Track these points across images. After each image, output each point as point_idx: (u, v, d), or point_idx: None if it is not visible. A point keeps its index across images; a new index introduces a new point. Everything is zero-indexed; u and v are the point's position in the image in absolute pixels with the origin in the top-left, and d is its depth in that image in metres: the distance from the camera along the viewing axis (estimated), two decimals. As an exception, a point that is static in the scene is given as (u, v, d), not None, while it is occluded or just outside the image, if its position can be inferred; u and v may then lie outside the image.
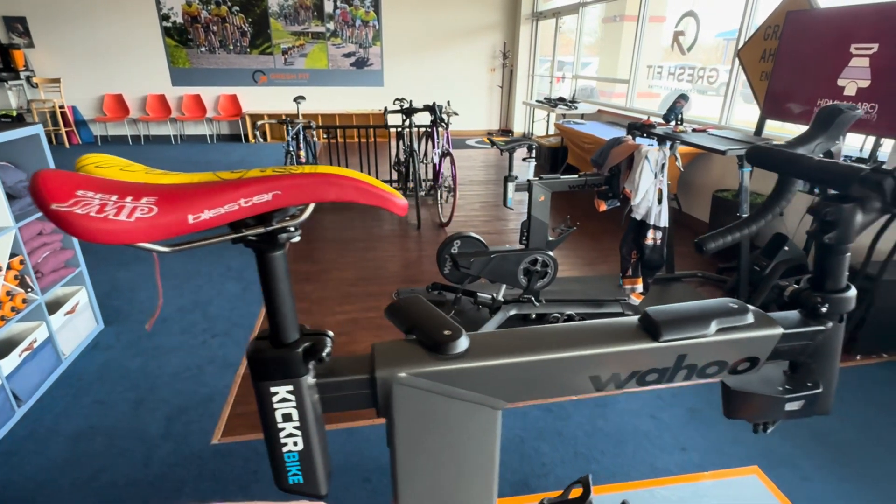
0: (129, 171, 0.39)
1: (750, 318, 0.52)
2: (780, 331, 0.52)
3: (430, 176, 4.90)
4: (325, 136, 7.45)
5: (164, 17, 7.81)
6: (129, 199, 0.34)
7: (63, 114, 7.66)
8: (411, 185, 4.42)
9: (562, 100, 6.49)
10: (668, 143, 2.48)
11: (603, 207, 2.63)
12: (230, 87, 8.37)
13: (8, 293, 1.96)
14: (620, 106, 5.85)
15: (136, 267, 3.37)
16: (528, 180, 2.50)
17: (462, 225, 4.31)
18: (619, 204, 2.64)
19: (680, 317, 0.51)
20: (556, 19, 7.73)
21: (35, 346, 2.07)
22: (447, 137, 4.30)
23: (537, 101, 7.31)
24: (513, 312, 2.67)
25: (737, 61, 3.76)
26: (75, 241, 2.42)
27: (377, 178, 3.91)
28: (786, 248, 2.81)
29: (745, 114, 4.35)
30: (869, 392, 2.21)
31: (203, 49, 8.09)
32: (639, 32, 5.36)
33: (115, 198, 0.33)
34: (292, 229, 0.41)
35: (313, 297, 3.00)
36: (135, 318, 2.73)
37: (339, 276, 3.30)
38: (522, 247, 2.67)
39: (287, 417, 0.47)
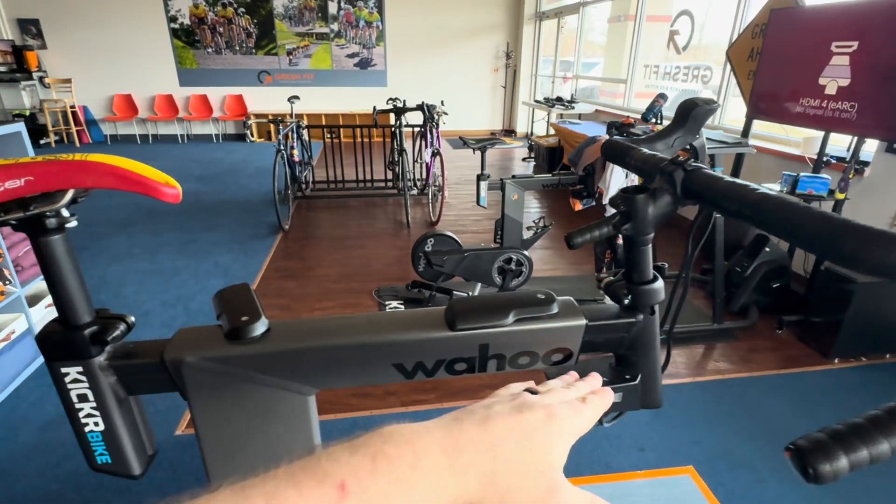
0: None
1: (554, 309, 0.53)
2: (583, 322, 0.53)
3: (424, 175, 4.92)
4: (328, 135, 7.52)
5: (172, 19, 7.96)
6: None
7: (74, 113, 7.85)
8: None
9: (559, 100, 6.46)
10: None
11: (578, 207, 2.63)
12: (236, 88, 8.50)
13: (-15, 285, 2.03)
14: (618, 106, 5.81)
15: (127, 262, 3.45)
16: (501, 179, 2.50)
17: (452, 223, 4.32)
18: (594, 203, 2.63)
19: (478, 306, 0.52)
20: (559, 19, 7.70)
21: (13, 336, 2.14)
22: (437, 136, 4.32)
23: (536, 101, 7.29)
24: (487, 311, 2.67)
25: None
26: (58, 235, 2.48)
27: (372, 176, 3.92)
28: (767, 249, 2.77)
29: (742, 113, 4.29)
30: (843, 397, 2.18)
31: (210, 50, 8.22)
32: (636, 32, 5.31)
33: None
34: (51, 214, 0.43)
35: (294, 293, 3.04)
36: (120, 311, 2.79)
37: (323, 272, 3.34)
38: (497, 245, 2.68)
39: (83, 398, 0.49)
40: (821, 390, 2.22)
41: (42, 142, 7.74)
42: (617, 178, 2.34)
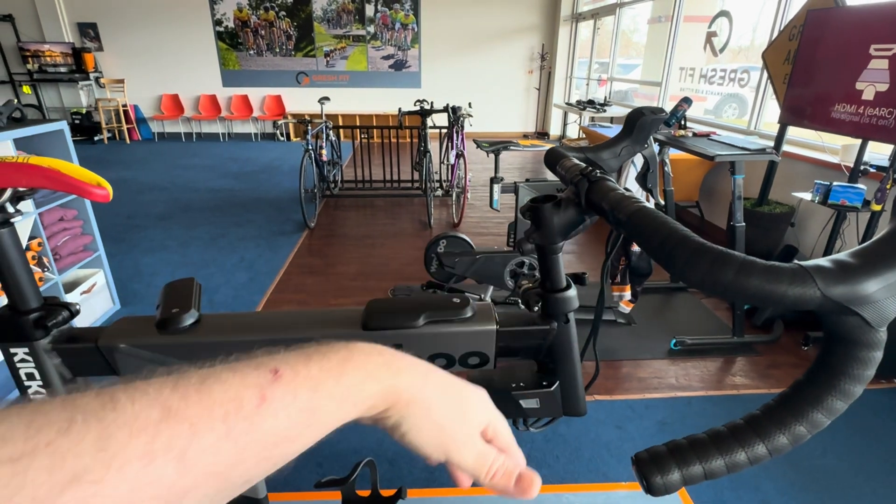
0: None
1: (468, 313, 0.53)
2: (493, 327, 0.54)
3: (449, 176, 4.95)
4: (363, 136, 7.65)
5: (218, 22, 8.30)
6: None
7: (126, 112, 8.31)
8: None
9: (591, 103, 6.35)
10: (657, 148, 2.41)
11: (594, 212, 2.58)
12: (275, 88, 8.78)
13: None
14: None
15: (160, 254, 3.63)
16: (515, 183, 2.50)
17: (474, 225, 4.33)
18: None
19: (390, 307, 0.53)
20: (595, 20, 7.57)
21: (49, 320, 2.30)
22: (462, 138, 4.33)
23: (567, 103, 7.19)
24: (498, 314, 2.67)
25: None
26: (95, 226, 2.65)
27: (399, 177, 3.99)
28: (795, 260, 2.65)
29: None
30: (866, 420, 2.06)
31: (251, 52, 8.53)
32: (672, 33, 5.17)
33: None
34: (9, 208, 0.48)
35: (313, 289, 3.13)
36: (149, 301, 2.95)
37: (342, 270, 3.41)
38: (510, 249, 2.67)
39: (31, 376, 0.54)
40: (845, 412, 2.10)
41: (96, 138, 8.23)
42: (632, 184, 2.29)
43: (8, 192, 0.47)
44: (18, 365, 0.53)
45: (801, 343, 2.53)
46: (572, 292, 0.55)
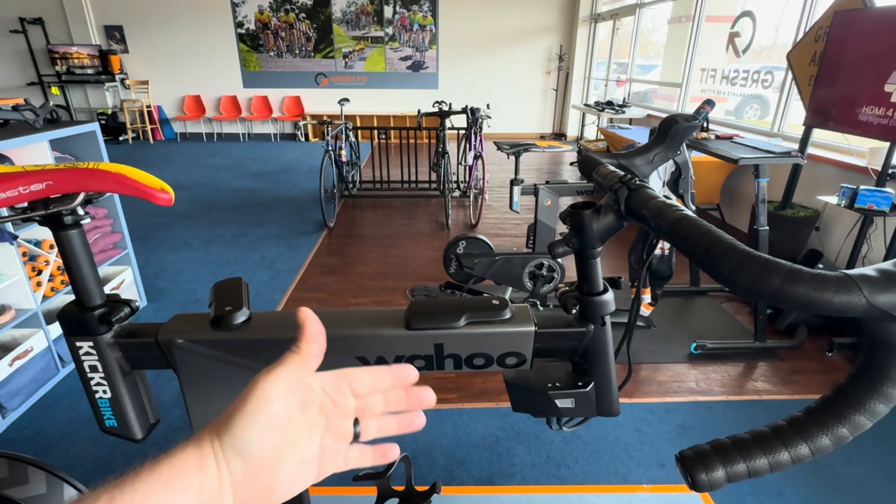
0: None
1: (507, 315, 0.55)
2: (532, 329, 0.55)
3: (467, 177, 4.97)
4: (381, 136, 7.71)
5: (239, 24, 8.44)
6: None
7: (150, 113, 8.50)
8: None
9: (609, 104, 6.31)
10: (678, 151, 2.39)
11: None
12: (294, 89, 8.89)
13: (59, 268, 2.26)
14: (671, 111, 5.61)
15: (184, 252, 3.71)
16: (535, 185, 2.51)
17: (492, 226, 4.34)
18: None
19: (433, 308, 0.55)
20: (614, 21, 7.52)
21: (80, 315, 2.37)
22: (480, 140, 4.35)
23: (585, 104, 7.15)
24: (516, 315, 2.68)
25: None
26: (124, 225, 2.73)
27: (417, 178, 4.03)
28: (820, 265, 2.61)
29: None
30: (889, 426, 2.02)
31: (272, 53, 8.65)
32: (693, 33, 5.11)
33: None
34: (67, 213, 0.51)
35: (332, 288, 3.17)
36: (174, 297, 3.03)
37: (361, 270, 3.45)
38: (529, 250, 2.68)
39: (94, 368, 0.57)
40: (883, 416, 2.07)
41: (121, 138, 8.43)
42: (653, 187, 2.28)
43: (80, 197, 0.50)
44: (83, 358, 0.56)
45: (826, 349, 2.49)
46: (609, 296, 0.56)
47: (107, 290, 2.41)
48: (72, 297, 0.56)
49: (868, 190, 2.37)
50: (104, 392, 0.59)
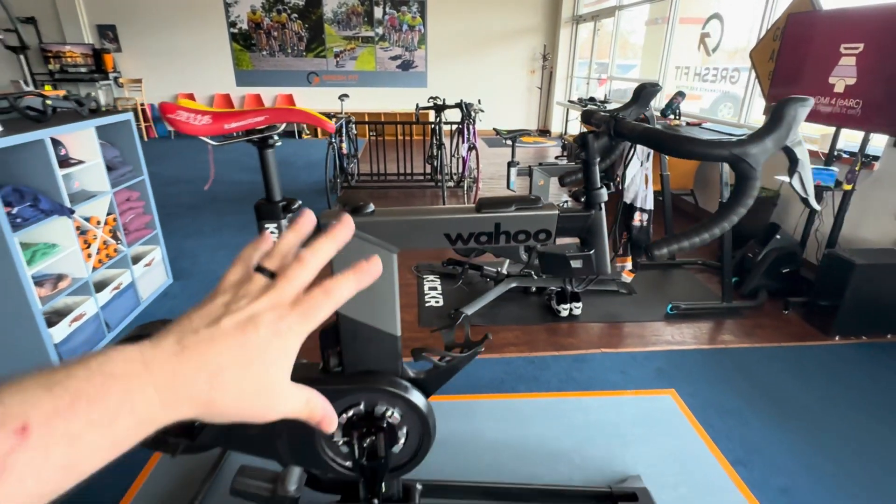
0: (198, 105, 0.78)
1: (540, 203, 0.85)
2: (555, 212, 0.85)
3: (460, 169, 5.27)
4: (371, 133, 7.98)
5: (232, 24, 8.62)
6: (199, 115, 0.73)
7: (143, 111, 8.62)
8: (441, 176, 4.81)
9: (592, 100, 6.69)
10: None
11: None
12: (287, 88, 9.10)
13: (105, 243, 2.50)
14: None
15: (198, 238, 3.94)
16: (529, 166, 2.82)
17: (485, 214, 4.65)
18: (613, 190, 2.91)
19: (494, 200, 0.85)
20: (595, 22, 7.91)
21: (121, 287, 2.61)
22: (474, 132, 4.66)
23: (569, 101, 7.52)
24: (513, 285, 3.00)
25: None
26: (154, 206, 2.96)
27: (412, 170, 4.34)
28: (778, 236, 2.98)
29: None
30: (839, 368, 2.37)
31: (264, 52, 8.85)
32: (668, 34, 5.50)
33: (193, 115, 0.73)
34: (276, 137, 0.79)
35: (343, 266, 3.44)
36: (196, 277, 3.27)
37: (367, 251, 3.73)
38: (524, 226, 2.99)
39: None
40: (817, 362, 2.43)
41: (115, 136, 8.53)
42: (633, 167, 2.62)
43: (282, 127, 0.79)
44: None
45: (783, 308, 2.86)
46: (604, 190, 0.87)
47: (141, 265, 2.65)
48: (113, 270, 0.82)
49: (817, 169, 2.74)
50: None
